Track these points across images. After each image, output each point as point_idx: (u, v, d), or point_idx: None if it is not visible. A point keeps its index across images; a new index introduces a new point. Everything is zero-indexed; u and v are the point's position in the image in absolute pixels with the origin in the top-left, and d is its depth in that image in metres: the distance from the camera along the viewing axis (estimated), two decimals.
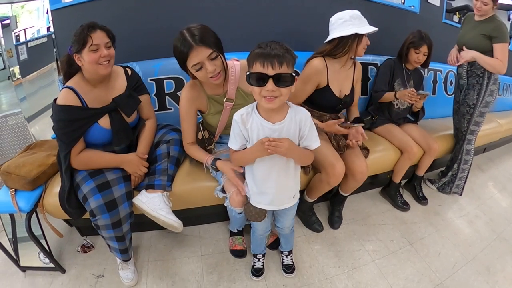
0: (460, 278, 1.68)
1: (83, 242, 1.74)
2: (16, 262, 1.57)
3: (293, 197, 1.31)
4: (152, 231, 1.84)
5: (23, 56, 3.28)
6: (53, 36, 1.88)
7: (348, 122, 1.75)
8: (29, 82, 3.41)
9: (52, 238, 1.62)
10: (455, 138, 2.39)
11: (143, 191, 1.43)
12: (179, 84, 1.89)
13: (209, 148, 1.59)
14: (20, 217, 1.45)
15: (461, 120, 2.23)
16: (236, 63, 1.43)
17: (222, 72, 1.29)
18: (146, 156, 1.50)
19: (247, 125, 1.12)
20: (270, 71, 0.97)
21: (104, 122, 1.37)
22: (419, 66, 2.16)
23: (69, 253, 1.70)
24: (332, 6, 1.75)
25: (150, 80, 1.84)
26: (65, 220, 1.78)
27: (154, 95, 1.86)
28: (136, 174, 1.46)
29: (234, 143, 1.18)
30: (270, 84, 0.98)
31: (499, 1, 1.91)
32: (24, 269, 1.59)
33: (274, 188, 1.23)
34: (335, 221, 1.96)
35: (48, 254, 1.53)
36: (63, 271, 1.58)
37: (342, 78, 1.75)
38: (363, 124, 1.70)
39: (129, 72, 1.50)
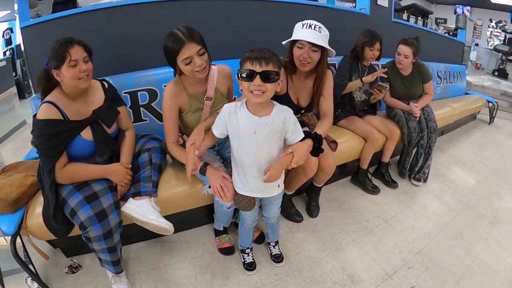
0: (436, 245, 1.85)
1: (70, 263, 1.68)
2: None
3: (278, 186, 1.42)
4: (139, 242, 1.83)
5: None
6: (24, 53, 1.85)
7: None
8: None
9: (36, 262, 1.55)
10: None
11: (130, 199, 1.45)
12: (153, 95, 1.94)
13: None
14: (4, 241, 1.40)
15: None
16: (214, 67, 1.58)
17: (207, 67, 1.44)
18: (130, 165, 1.52)
19: (232, 119, 1.27)
20: (258, 68, 1.14)
21: (86, 134, 1.38)
22: (373, 62, 2.36)
23: (56, 275, 1.64)
24: (293, 16, 1.90)
25: (124, 93, 1.87)
26: (49, 242, 1.73)
27: (129, 107, 1.89)
28: (122, 184, 1.47)
29: (216, 128, 1.33)
30: (257, 79, 1.14)
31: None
32: None
33: (259, 177, 1.32)
34: (313, 210, 2.08)
35: (37, 278, 1.47)
36: None
37: (299, 89, 1.80)
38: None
39: (106, 85, 1.53)
